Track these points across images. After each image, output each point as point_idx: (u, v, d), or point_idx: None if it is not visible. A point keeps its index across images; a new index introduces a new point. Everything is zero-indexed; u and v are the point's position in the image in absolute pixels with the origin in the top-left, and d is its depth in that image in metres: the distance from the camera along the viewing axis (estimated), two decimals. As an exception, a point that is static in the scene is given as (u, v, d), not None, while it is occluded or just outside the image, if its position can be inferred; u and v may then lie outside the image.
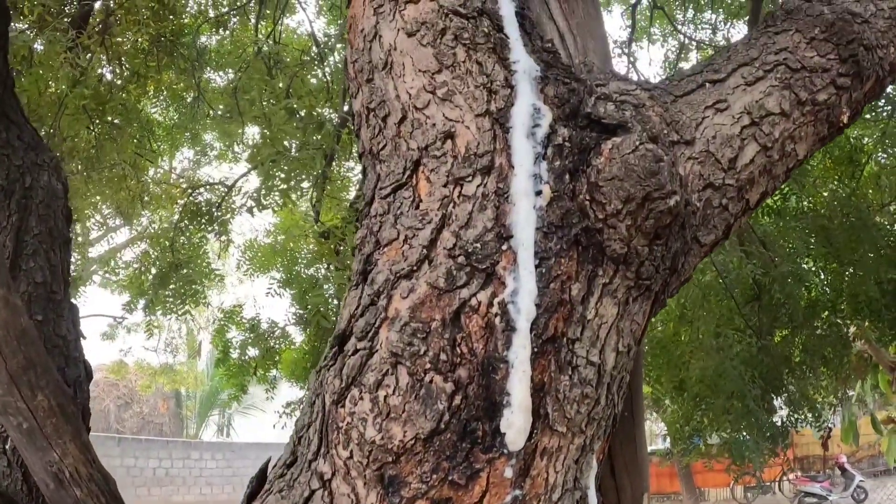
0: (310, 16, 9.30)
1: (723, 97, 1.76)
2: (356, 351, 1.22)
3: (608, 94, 1.54)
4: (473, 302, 1.16)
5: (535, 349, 1.15)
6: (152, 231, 8.46)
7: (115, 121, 6.21)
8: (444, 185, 1.27)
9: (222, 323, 7.53)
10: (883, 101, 5.84)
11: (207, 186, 7.15)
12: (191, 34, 6.61)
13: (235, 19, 7.43)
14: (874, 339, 8.06)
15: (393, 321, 1.19)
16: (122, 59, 6.46)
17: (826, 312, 6.34)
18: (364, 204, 1.41)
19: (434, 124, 1.36)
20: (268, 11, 7.07)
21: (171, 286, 6.94)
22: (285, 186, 5.13)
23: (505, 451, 1.11)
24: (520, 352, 1.12)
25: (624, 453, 2.28)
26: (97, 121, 6.07)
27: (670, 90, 1.77)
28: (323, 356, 1.35)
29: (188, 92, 7.17)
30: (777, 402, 6.61)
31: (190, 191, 7.13)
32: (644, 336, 1.54)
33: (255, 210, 5.32)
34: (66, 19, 5.76)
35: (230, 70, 7.18)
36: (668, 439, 7.34)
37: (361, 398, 1.18)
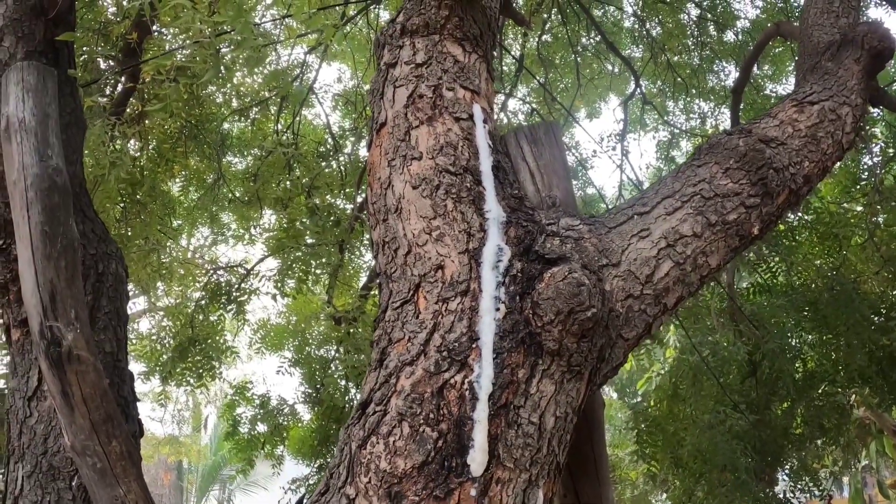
0: (326, 109, 10.04)
1: (646, 226, 2.31)
2: (375, 412, 1.84)
3: (556, 230, 2.17)
4: (452, 381, 1.78)
5: (491, 412, 1.76)
6: (168, 304, 8.84)
7: (143, 201, 6.73)
8: (436, 303, 1.90)
9: (233, 398, 7.89)
10: (866, 173, 6.13)
11: (228, 268, 7.66)
12: (216, 122, 7.13)
13: (258, 108, 8.11)
14: (874, 404, 8.11)
15: (400, 393, 1.81)
16: (152, 142, 7.04)
17: (825, 383, 6.42)
18: (381, 311, 2.05)
19: (430, 258, 2.00)
20: (287, 105, 7.73)
21: (188, 359, 7.37)
22: (301, 275, 5.70)
23: (470, 476, 1.71)
24: (481, 414, 1.74)
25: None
26: (127, 200, 6.57)
27: (606, 223, 2.34)
28: (350, 417, 1.95)
29: (210, 174, 7.70)
30: (780, 474, 6.70)
31: (211, 271, 7.66)
32: (582, 406, 2.12)
33: (276, 296, 5.87)
34: (105, 99, 6.37)
35: (250, 156, 7.79)
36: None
37: (377, 442, 1.78)
